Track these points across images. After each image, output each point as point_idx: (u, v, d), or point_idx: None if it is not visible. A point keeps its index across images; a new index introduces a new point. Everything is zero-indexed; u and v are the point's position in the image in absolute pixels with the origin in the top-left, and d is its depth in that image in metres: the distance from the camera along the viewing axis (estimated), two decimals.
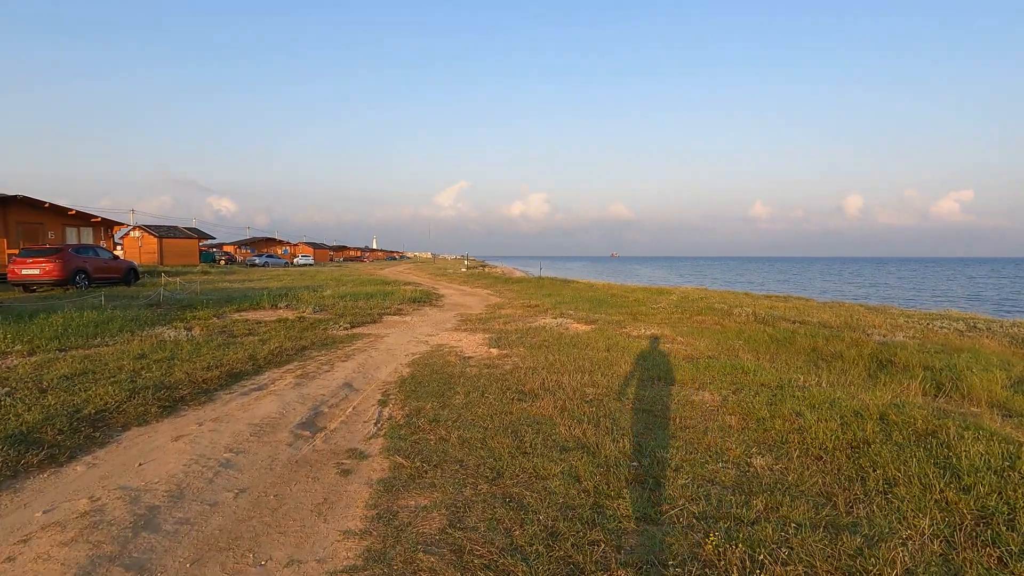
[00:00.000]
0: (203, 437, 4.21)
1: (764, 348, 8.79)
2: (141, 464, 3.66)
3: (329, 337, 9.05)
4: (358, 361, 7.29)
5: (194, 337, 8.26)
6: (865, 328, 11.10)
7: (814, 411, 4.73)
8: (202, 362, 6.55)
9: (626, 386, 5.92)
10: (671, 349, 8.16)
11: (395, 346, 8.47)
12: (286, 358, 7.32)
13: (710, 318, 12.41)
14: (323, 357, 7.49)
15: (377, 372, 6.70)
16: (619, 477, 3.51)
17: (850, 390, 5.59)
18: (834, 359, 7.91)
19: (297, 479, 3.51)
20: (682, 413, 4.92)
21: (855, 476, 3.52)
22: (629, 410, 5.04)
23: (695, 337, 9.59)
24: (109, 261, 18.89)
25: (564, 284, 24.82)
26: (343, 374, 6.54)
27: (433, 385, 5.92)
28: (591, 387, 5.86)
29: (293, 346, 7.98)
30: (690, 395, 5.60)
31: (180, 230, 43.49)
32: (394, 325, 10.93)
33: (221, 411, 4.93)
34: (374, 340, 8.96)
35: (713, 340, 9.30)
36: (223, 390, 5.67)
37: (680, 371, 6.50)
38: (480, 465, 3.69)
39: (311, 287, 19.65)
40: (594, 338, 9.03)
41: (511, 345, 8.39)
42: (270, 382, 6.08)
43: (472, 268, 48.35)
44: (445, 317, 12.60)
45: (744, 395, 5.44)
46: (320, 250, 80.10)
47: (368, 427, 4.61)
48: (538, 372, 6.49)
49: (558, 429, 4.44)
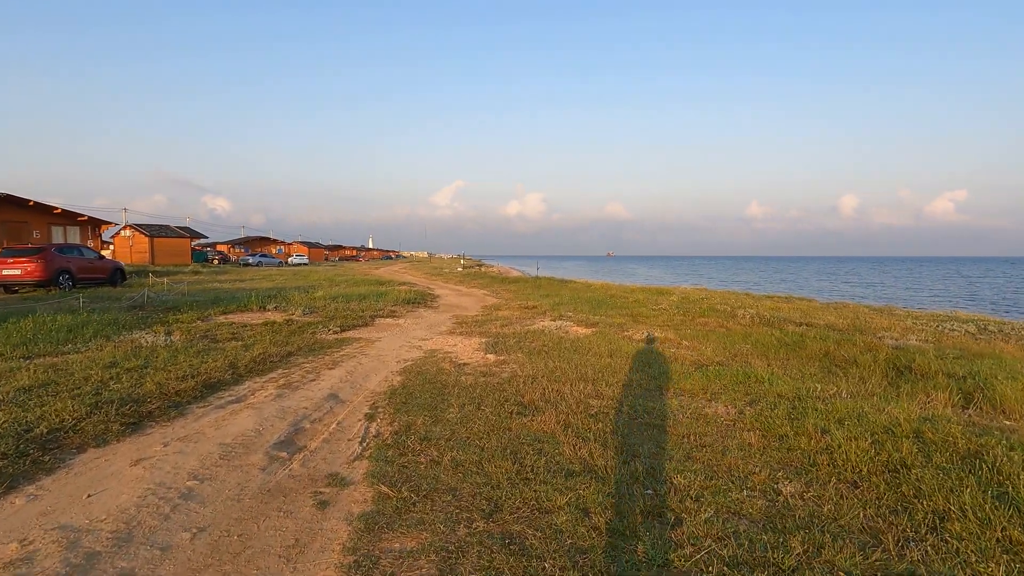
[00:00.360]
0: (166, 461, 3.77)
1: (773, 353, 8.40)
2: (90, 496, 3.22)
3: (317, 342, 8.61)
4: (346, 369, 6.85)
5: (173, 343, 7.80)
6: (875, 331, 10.73)
7: (841, 427, 4.33)
8: (177, 371, 6.09)
9: (633, 397, 5.51)
10: (677, 354, 7.76)
11: (386, 352, 8.04)
12: (269, 365, 6.88)
13: (713, 320, 12.03)
14: (309, 364, 7.04)
15: (366, 381, 6.26)
16: (633, 509, 3.10)
17: (875, 402, 5.19)
18: (848, 365, 7.52)
19: (267, 513, 3.07)
20: (696, 429, 4.51)
21: (899, 507, 3.12)
22: (638, 425, 4.63)
23: (700, 341, 9.20)
24: (94, 261, 18.36)
25: (562, 284, 24.41)
26: (329, 384, 6.10)
27: (425, 396, 5.50)
28: (595, 398, 5.45)
29: (278, 352, 7.53)
30: (702, 407, 5.19)
31: (172, 229, 42.86)
32: (386, 328, 10.49)
33: (191, 428, 4.49)
34: (364, 345, 8.52)
35: (719, 344, 8.91)
36: (197, 403, 5.22)
37: (689, 380, 6.09)
38: (476, 495, 3.26)
39: (303, 288, 19.18)
40: (595, 342, 8.62)
41: (509, 350, 7.97)
42: (249, 393, 5.64)
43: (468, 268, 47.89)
44: (440, 319, 12.16)
45: (761, 408, 5.04)
46: (315, 249, 79.47)
47: (352, 446, 4.18)
48: (538, 381, 6.08)
49: (562, 449, 4.02)
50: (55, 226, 22.51)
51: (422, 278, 32.12)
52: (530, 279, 28.35)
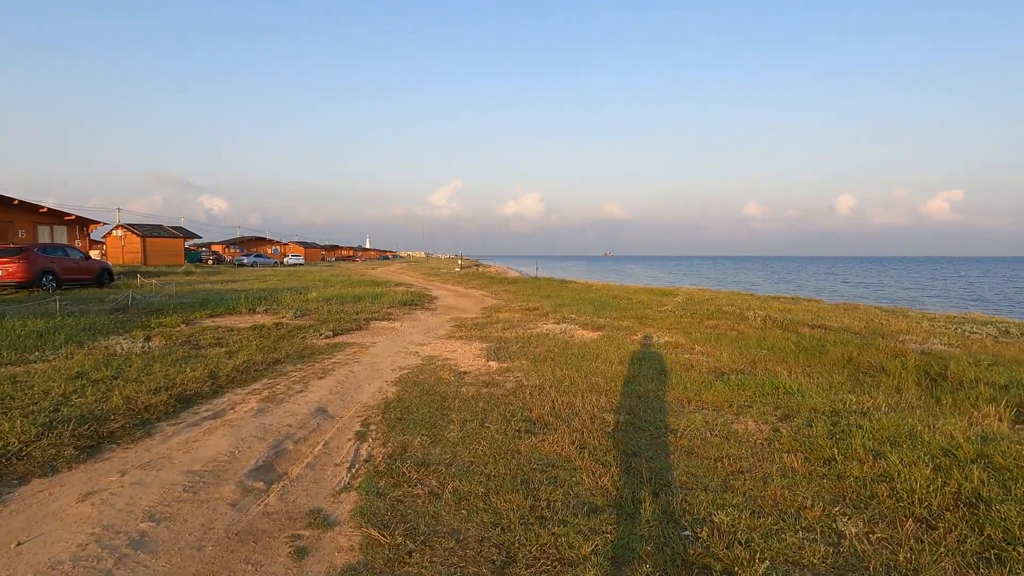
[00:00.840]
0: (120, 495, 3.23)
1: (793, 359, 7.90)
2: (20, 544, 2.69)
3: (307, 348, 8.06)
4: (337, 378, 6.32)
5: (150, 349, 7.25)
6: (894, 334, 10.25)
7: (895, 449, 3.82)
8: (151, 382, 5.55)
9: (652, 411, 5.00)
10: (692, 361, 7.26)
11: (381, 358, 7.50)
12: (253, 375, 6.34)
13: (724, 323, 11.53)
14: (297, 373, 6.51)
15: (358, 393, 5.73)
16: (674, 559, 2.59)
17: (920, 416, 4.69)
18: (876, 373, 7.03)
19: (232, 567, 2.55)
20: (728, 450, 4.00)
21: (989, 556, 2.61)
22: (663, 446, 4.12)
23: (714, 346, 8.70)
24: (80, 261, 17.76)
25: (562, 285, 23.90)
26: (318, 396, 5.56)
27: (423, 411, 4.97)
28: (611, 412, 4.93)
29: (264, 359, 6.99)
30: (730, 423, 4.68)
31: (165, 229, 42.18)
32: (382, 332, 9.95)
33: (157, 452, 3.95)
34: (358, 351, 7.98)
35: (735, 349, 8.41)
36: (168, 420, 4.68)
37: (711, 391, 5.58)
38: (483, 540, 2.74)
39: (296, 289, 18.62)
40: (604, 348, 8.10)
41: (512, 357, 7.45)
42: (229, 407, 5.10)
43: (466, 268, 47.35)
44: (438, 322, 11.63)
45: (796, 424, 4.53)
46: (311, 249, 78.78)
47: (339, 473, 3.65)
48: (546, 392, 5.56)
49: (580, 477, 3.50)
50: (41, 226, 21.88)
51: (419, 278, 31.57)
52: (529, 279, 27.84)
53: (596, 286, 23.37)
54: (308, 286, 20.45)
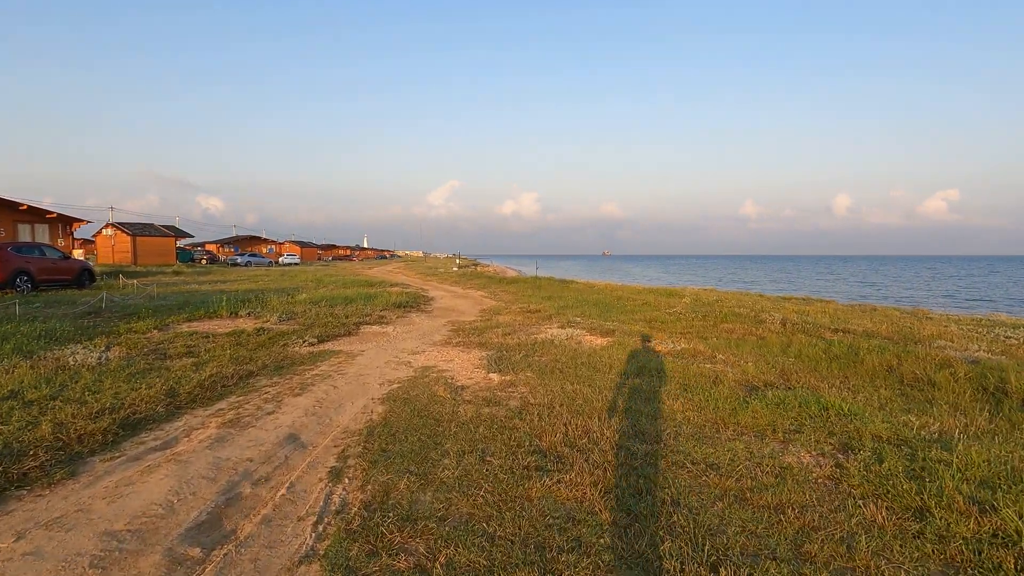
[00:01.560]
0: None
1: (825, 369, 7.14)
2: None
3: (287, 357, 7.26)
4: (316, 395, 5.52)
5: (107, 361, 6.44)
6: (925, 339, 9.49)
7: (1004, 496, 3.05)
8: (96, 403, 4.75)
9: (685, 437, 4.22)
10: (717, 372, 6.48)
11: (368, 370, 6.70)
12: (220, 392, 5.53)
13: (740, 326, 10.76)
14: (271, 389, 5.71)
15: (339, 413, 4.94)
16: None
17: (1011, 448, 3.92)
18: (924, 386, 6.26)
19: None
20: (791, 496, 3.22)
21: None
22: (708, 490, 3.33)
23: (735, 353, 7.92)
24: (58, 261, 16.90)
25: (563, 285, 23.11)
26: (291, 418, 4.77)
27: (412, 439, 4.18)
28: (635, 439, 4.15)
29: (236, 372, 6.18)
30: (780, 454, 3.91)
31: (156, 228, 41.27)
32: (372, 338, 9.15)
33: (74, 501, 3.16)
34: (343, 361, 7.18)
35: (760, 358, 7.63)
36: (104, 453, 3.89)
37: (747, 411, 4.81)
38: None
39: (286, 290, 17.80)
40: (616, 356, 7.32)
41: (515, 368, 6.66)
42: (183, 435, 4.30)
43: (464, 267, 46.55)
44: (434, 326, 10.84)
45: (863, 458, 3.75)
46: (307, 249, 77.85)
47: (302, 533, 2.86)
48: (557, 413, 4.78)
49: (609, 539, 2.72)
50: (21, 224, 21.00)
51: (416, 278, 30.75)
52: (529, 279, 27.05)
53: (599, 286, 22.58)
54: (299, 287, 19.64)
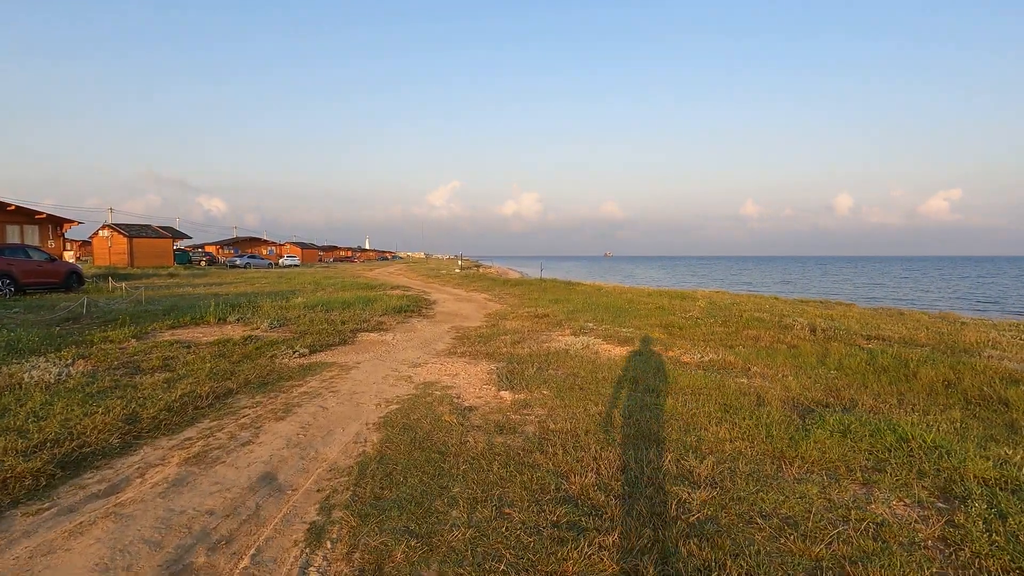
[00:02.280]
0: None
1: (874, 383, 6.37)
2: None
3: (274, 371, 6.51)
4: (302, 419, 4.78)
5: (69, 376, 5.69)
6: (971, 347, 8.72)
7: None
8: (39, 433, 4.01)
9: (744, 478, 3.47)
10: (756, 388, 5.73)
11: (364, 387, 5.96)
12: (191, 415, 4.79)
13: (765, 333, 9.99)
14: (250, 411, 4.96)
15: (326, 444, 4.19)
16: None
17: None
18: (995, 405, 5.49)
19: None
20: (904, 570, 2.47)
21: None
22: (795, 560, 2.58)
23: (770, 364, 7.16)
24: (44, 264, 16.19)
25: (569, 288, 22.32)
26: (269, 450, 4.02)
27: (413, 481, 3.44)
28: (686, 483, 3.40)
29: (212, 390, 5.44)
30: (866, 503, 3.16)
31: (153, 229, 40.60)
32: (369, 347, 8.40)
33: None
34: (337, 375, 6.44)
35: (798, 370, 6.87)
36: (30, 503, 3.14)
37: (810, 441, 4.05)
38: None
39: (282, 293, 17.07)
40: (640, 370, 6.57)
41: (529, 384, 5.91)
42: (135, 475, 3.56)
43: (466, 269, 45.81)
44: (437, 333, 10.09)
45: (978, 512, 2.99)
46: (308, 250, 77.19)
47: None
48: (583, 444, 4.04)
49: None
50: (10, 225, 20.30)
51: (418, 280, 30.01)
52: (534, 282, 26.29)
53: (606, 289, 21.82)
54: (296, 290, 18.91)
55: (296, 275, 31.43)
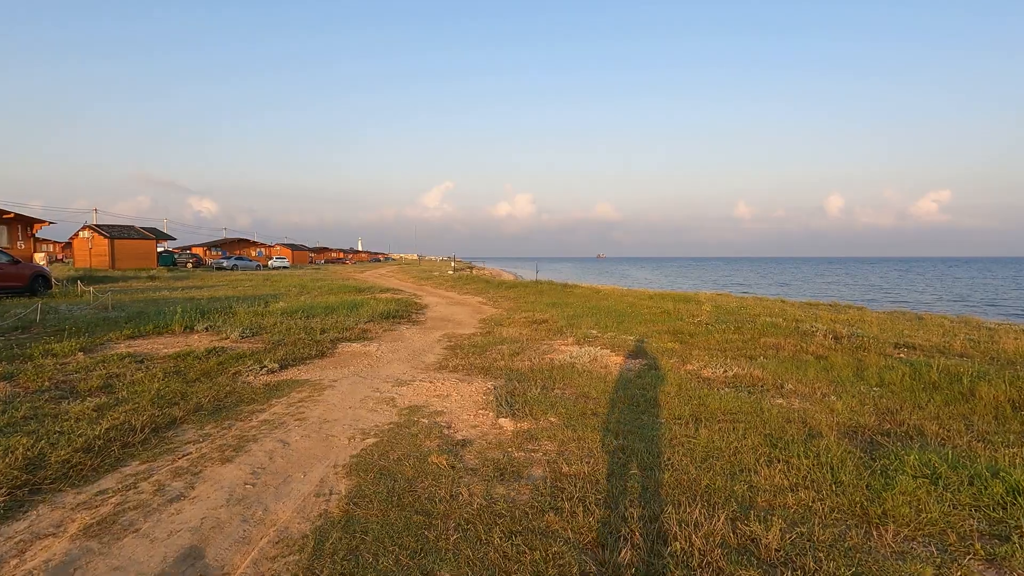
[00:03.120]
0: None
1: (927, 402, 5.54)
2: None
3: (234, 392, 5.57)
4: (254, 461, 3.85)
5: None
6: (1016, 359, 7.93)
7: None
8: None
9: (824, 551, 2.59)
10: (799, 411, 4.88)
11: (337, 412, 5.04)
12: (118, 456, 3.85)
13: (785, 341, 9.16)
14: (193, 449, 4.03)
15: (279, 499, 3.28)
16: None
17: None
18: None
19: None
20: None
21: None
22: None
23: (802, 380, 6.31)
24: (5, 266, 15.12)
25: (566, 290, 21.44)
26: (202, 511, 3.10)
27: (386, 561, 2.54)
28: (752, 561, 2.52)
29: (151, 420, 4.50)
30: None
31: (136, 230, 39.35)
32: (350, 361, 7.46)
33: None
34: (307, 398, 5.51)
35: (838, 388, 6.03)
36: None
37: (895, 492, 3.19)
38: None
39: (263, 297, 16.07)
40: (659, 388, 5.70)
41: (533, 408, 5.01)
42: (11, 553, 2.64)
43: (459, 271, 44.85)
44: (427, 342, 9.17)
45: None
46: (299, 252, 75.89)
47: None
48: (608, 495, 3.15)
49: None
50: None
51: (409, 283, 29.03)
52: (529, 284, 25.40)
53: (605, 291, 20.96)
54: (280, 293, 17.92)
55: (283, 277, 30.38)
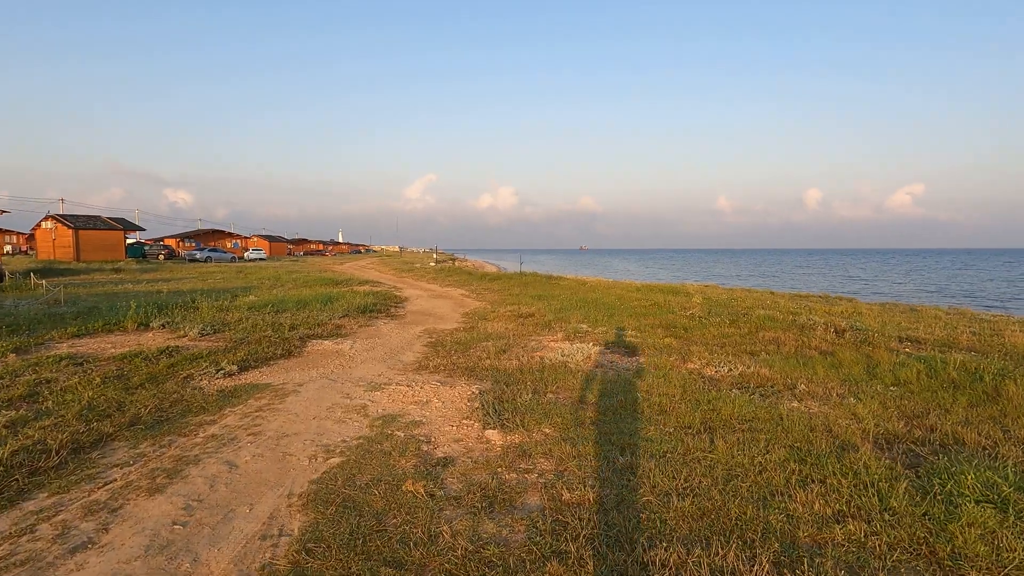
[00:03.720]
0: None
1: (951, 404, 5.08)
2: None
3: (182, 400, 4.86)
4: (191, 490, 3.18)
5: None
6: None
7: None
8: None
9: None
10: (817, 417, 4.36)
11: (299, 424, 4.37)
12: (19, 487, 3.14)
13: (785, 335, 8.71)
14: (118, 475, 3.34)
15: (213, 546, 2.62)
16: None
17: None
18: None
19: None
20: None
21: None
22: None
23: (814, 379, 5.82)
24: None
25: (551, 282, 20.86)
26: (110, 566, 2.43)
27: None
28: None
29: (72, 438, 3.78)
30: None
31: (102, 220, 37.66)
32: (319, 361, 6.77)
33: None
34: (266, 407, 4.82)
35: (852, 387, 5.55)
36: None
37: (961, 525, 2.67)
38: None
39: (233, 290, 15.19)
40: (662, 391, 5.15)
41: (525, 417, 4.40)
42: None
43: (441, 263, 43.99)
44: (406, 338, 8.51)
45: None
46: (277, 243, 74.08)
47: None
48: (620, 530, 2.57)
49: None
50: None
51: (390, 275, 28.17)
52: (513, 276, 24.77)
53: (591, 283, 20.47)
54: (252, 286, 17.02)
55: (257, 270, 29.25)
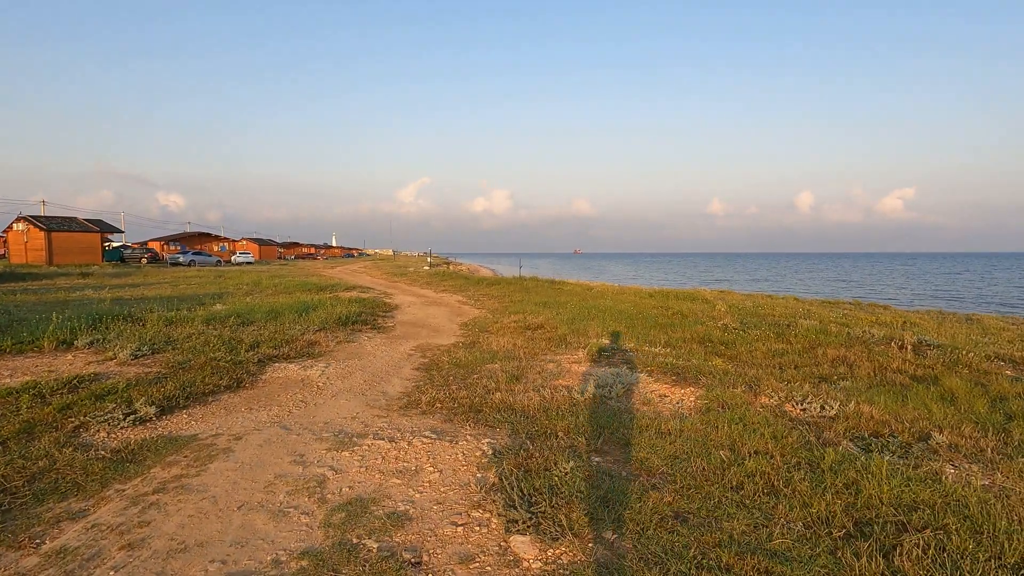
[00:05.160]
0: None
1: None
2: None
3: (49, 471, 3.24)
4: None
5: None
6: None
7: None
8: None
9: None
10: (985, 498, 2.83)
11: (210, 524, 2.77)
12: None
13: (854, 354, 7.18)
14: None
15: None
16: None
17: None
18: None
19: None
20: None
21: None
22: None
23: (932, 421, 4.30)
24: None
25: (555, 288, 19.27)
26: None
27: None
28: None
29: None
30: None
31: (78, 222, 35.76)
32: (275, 396, 5.15)
33: None
34: (170, 484, 3.22)
35: (1007, 440, 4.04)
36: None
37: None
38: None
39: (202, 297, 13.52)
40: (749, 446, 3.60)
41: (570, 507, 2.83)
42: None
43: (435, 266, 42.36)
44: (392, 359, 6.91)
45: None
46: (266, 247, 72.12)
47: None
48: None
49: None
50: None
51: (381, 279, 26.50)
52: (512, 280, 23.21)
53: (597, 288, 18.92)
54: (226, 292, 15.34)
55: (238, 274, 27.44)
